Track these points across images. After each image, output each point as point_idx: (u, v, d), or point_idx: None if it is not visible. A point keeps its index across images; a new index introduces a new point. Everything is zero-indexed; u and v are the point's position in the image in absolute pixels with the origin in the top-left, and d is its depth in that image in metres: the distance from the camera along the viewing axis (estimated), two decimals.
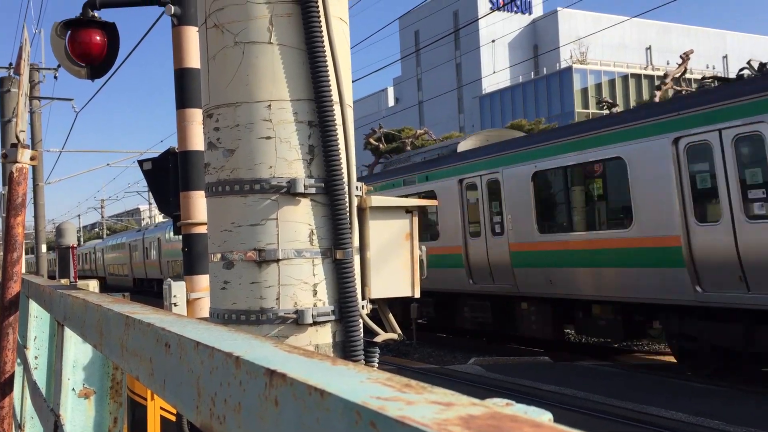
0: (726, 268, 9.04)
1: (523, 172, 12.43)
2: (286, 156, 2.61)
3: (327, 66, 2.62)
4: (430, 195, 14.45)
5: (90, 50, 5.88)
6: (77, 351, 2.82)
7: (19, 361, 4.09)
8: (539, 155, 12.10)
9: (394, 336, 2.99)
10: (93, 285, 11.57)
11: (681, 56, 22.09)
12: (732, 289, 9.03)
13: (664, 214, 9.87)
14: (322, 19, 2.63)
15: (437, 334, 16.75)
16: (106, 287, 39.32)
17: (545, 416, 0.64)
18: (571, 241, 11.48)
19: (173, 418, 4.10)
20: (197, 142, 5.84)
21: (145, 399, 4.18)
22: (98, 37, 5.89)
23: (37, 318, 4.23)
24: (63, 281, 15.66)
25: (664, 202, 9.85)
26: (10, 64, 21.33)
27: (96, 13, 5.90)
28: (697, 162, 9.55)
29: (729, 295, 9.07)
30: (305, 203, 2.62)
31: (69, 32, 5.87)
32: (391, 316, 3.10)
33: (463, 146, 15.32)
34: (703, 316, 9.78)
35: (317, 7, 2.61)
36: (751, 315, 9.08)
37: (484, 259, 13.44)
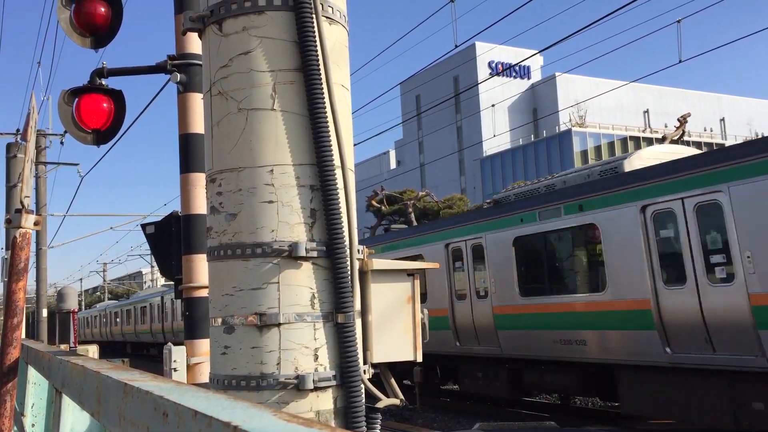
0: None
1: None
2: (288, 220, 2.63)
3: (329, 131, 2.66)
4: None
5: (97, 117, 5.98)
6: (75, 419, 2.78)
7: (15, 429, 4.01)
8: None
9: (396, 401, 2.94)
10: (93, 350, 11.45)
11: (679, 119, 22.40)
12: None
13: None
14: (324, 86, 2.69)
15: (441, 399, 16.44)
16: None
17: None
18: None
19: None
20: (200, 205, 5.88)
21: None
22: (105, 104, 6.01)
23: (36, 385, 4.17)
24: (63, 347, 15.50)
25: None
26: (18, 130, 21.67)
27: (104, 81, 6.03)
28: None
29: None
30: (307, 267, 2.62)
31: (76, 100, 5.99)
32: (393, 380, 3.05)
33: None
34: None
35: (319, 74, 2.67)
36: None
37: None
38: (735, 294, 8.28)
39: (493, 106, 40.65)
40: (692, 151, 11.57)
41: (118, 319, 45.70)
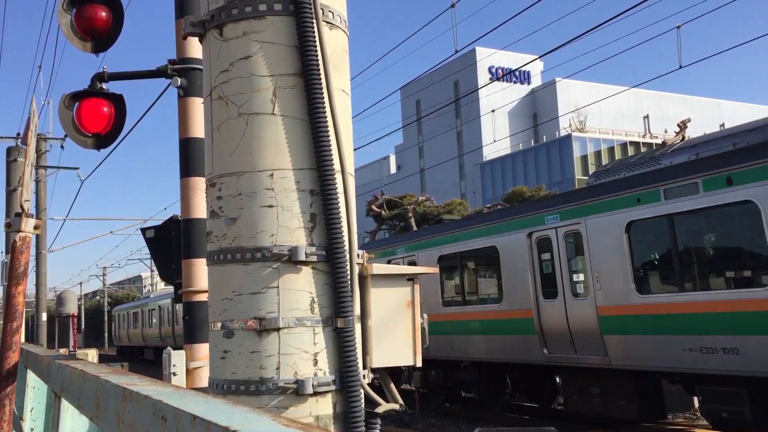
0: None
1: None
2: (288, 224, 2.63)
3: (329, 136, 2.67)
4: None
5: (97, 121, 5.99)
6: (73, 423, 2.77)
7: None
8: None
9: (396, 406, 2.94)
10: (92, 354, 11.44)
11: (678, 124, 22.38)
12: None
13: None
14: (325, 90, 2.69)
15: (440, 403, 16.41)
16: None
17: None
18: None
19: None
20: (200, 210, 5.88)
21: None
22: (105, 109, 6.02)
23: (35, 388, 4.17)
24: (62, 351, 15.49)
25: None
26: (18, 133, 21.69)
27: (104, 85, 6.04)
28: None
29: None
30: (306, 271, 2.62)
31: (77, 104, 6.00)
32: (392, 385, 3.05)
33: None
34: None
35: (320, 79, 2.67)
36: None
37: None
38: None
39: (493, 111, 40.67)
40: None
41: None
